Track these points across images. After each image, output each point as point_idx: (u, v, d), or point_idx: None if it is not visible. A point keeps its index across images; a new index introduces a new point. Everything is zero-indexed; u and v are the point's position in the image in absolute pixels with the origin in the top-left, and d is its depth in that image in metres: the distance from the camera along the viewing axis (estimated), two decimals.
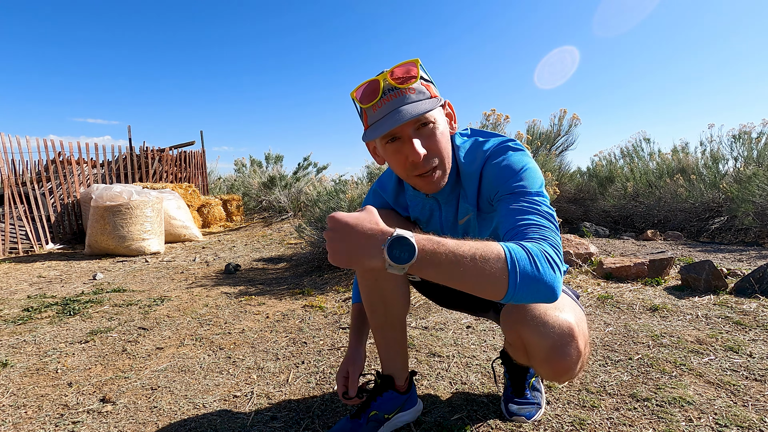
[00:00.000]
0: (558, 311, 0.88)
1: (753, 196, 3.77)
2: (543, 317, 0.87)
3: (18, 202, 4.95)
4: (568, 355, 0.85)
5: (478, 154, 0.97)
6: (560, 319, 0.86)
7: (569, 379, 0.90)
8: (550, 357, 0.86)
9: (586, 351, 0.88)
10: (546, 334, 0.85)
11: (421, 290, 1.23)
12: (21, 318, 2.26)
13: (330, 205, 3.37)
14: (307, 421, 1.20)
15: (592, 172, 5.96)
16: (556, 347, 0.85)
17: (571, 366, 0.86)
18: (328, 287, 2.73)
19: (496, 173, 0.92)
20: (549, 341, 0.85)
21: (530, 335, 0.87)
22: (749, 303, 1.98)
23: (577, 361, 0.86)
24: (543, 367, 0.89)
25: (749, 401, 1.19)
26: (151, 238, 4.47)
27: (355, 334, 1.19)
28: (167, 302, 2.53)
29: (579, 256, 2.89)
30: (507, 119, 4.51)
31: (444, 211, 1.05)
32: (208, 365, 1.61)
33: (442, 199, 1.03)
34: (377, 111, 0.88)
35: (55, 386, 1.48)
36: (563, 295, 0.95)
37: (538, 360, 0.89)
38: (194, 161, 7.49)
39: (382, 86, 0.87)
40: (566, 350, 0.85)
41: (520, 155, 0.93)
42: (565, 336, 0.85)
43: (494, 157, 0.94)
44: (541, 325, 0.86)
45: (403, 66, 0.88)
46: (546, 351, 0.86)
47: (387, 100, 0.86)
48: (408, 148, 0.88)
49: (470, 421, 1.16)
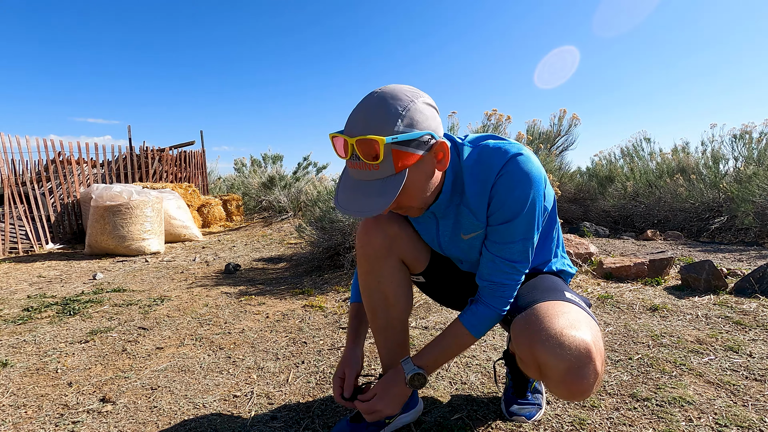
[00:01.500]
0: (575, 330, 0.83)
1: (753, 196, 3.77)
2: (559, 338, 0.82)
3: (18, 202, 4.95)
4: (585, 377, 0.81)
5: (494, 164, 0.91)
6: (577, 339, 0.82)
7: (584, 399, 0.87)
8: (566, 379, 0.82)
9: (603, 370, 0.84)
10: (562, 356, 0.81)
11: (425, 290, 1.22)
12: (21, 318, 2.26)
13: (330, 204, 3.37)
14: (307, 421, 1.20)
15: (592, 172, 5.96)
16: (573, 369, 0.81)
17: (588, 388, 0.82)
18: (328, 287, 2.73)
19: (501, 202, 0.91)
20: (566, 363, 0.81)
21: (546, 357, 0.82)
22: (749, 303, 1.98)
23: (594, 383, 0.82)
24: (559, 388, 0.84)
25: (749, 401, 1.19)
26: (151, 238, 4.47)
27: (352, 335, 1.17)
28: (167, 302, 2.53)
29: (579, 256, 2.89)
30: (509, 119, 4.51)
31: (441, 224, 1.02)
32: (208, 365, 1.61)
33: (438, 213, 1.00)
34: (347, 171, 0.88)
35: (55, 386, 1.48)
36: (577, 308, 0.91)
37: (553, 381, 0.84)
38: (194, 161, 7.49)
39: (350, 150, 0.83)
40: (584, 372, 0.81)
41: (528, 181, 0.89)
42: (583, 358, 0.81)
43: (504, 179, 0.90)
44: (557, 346, 0.81)
45: (364, 144, 0.80)
46: (562, 373, 0.81)
47: (354, 166, 0.84)
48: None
49: (470, 421, 1.16)
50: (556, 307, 0.90)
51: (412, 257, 1.09)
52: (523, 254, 0.95)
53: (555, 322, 0.85)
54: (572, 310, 0.90)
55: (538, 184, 0.91)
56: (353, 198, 0.85)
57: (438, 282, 1.16)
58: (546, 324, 0.85)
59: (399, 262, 1.08)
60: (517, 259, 0.95)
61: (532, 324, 0.87)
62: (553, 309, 0.89)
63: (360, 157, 0.81)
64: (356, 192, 0.85)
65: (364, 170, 0.83)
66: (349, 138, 0.82)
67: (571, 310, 0.89)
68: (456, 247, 1.04)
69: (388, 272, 1.06)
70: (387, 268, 1.06)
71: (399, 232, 1.06)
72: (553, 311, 0.88)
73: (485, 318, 0.98)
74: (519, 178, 0.89)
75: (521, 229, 0.93)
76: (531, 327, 0.87)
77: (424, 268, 1.12)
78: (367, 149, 0.80)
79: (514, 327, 0.92)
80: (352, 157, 0.83)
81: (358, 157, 0.82)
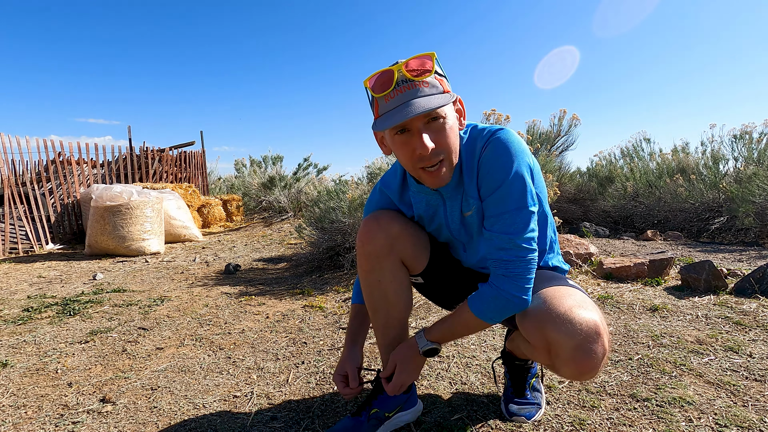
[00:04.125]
0: (582, 309, 0.87)
1: (753, 196, 3.77)
2: (569, 315, 0.86)
3: (18, 203, 4.95)
4: (594, 352, 0.83)
5: (479, 142, 0.97)
6: (586, 317, 0.85)
7: (590, 378, 0.89)
8: (576, 356, 0.84)
9: (609, 348, 0.87)
10: (573, 332, 0.84)
11: (423, 292, 1.23)
12: (21, 318, 2.26)
13: (330, 205, 3.36)
14: (307, 421, 1.20)
15: (592, 172, 5.96)
16: (583, 346, 0.84)
17: (596, 364, 0.84)
18: (328, 287, 2.73)
19: (486, 171, 0.95)
20: (575, 340, 0.84)
21: (556, 334, 0.85)
22: (749, 303, 1.97)
23: (602, 359, 0.85)
24: (568, 365, 0.86)
25: (749, 401, 1.19)
26: (151, 238, 4.47)
27: (351, 336, 1.19)
28: (167, 302, 2.53)
29: (579, 256, 2.89)
30: (507, 119, 4.51)
31: (449, 206, 1.04)
32: (208, 365, 1.61)
33: (446, 194, 1.03)
34: (389, 101, 0.87)
35: (55, 386, 1.48)
36: (582, 292, 0.95)
37: (562, 358, 0.86)
38: (194, 161, 7.50)
39: (396, 77, 0.86)
40: (593, 348, 0.83)
41: (509, 150, 0.93)
42: (592, 334, 0.84)
43: (488, 150, 0.95)
44: (567, 322, 0.85)
45: (418, 59, 0.88)
46: (572, 350, 0.84)
47: (400, 91, 0.86)
48: (416, 141, 0.88)
49: (470, 421, 1.16)
50: (562, 290, 0.93)
51: (412, 258, 1.10)
52: (519, 226, 0.92)
53: (563, 302, 0.89)
54: (577, 293, 0.94)
55: (521, 153, 0.94)
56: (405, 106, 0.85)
57: (436, 283, 1.17)
58: (554, 304, 0.89)
59: (399, 262, 1.09)
60: (513, 231, 0.92)
61: (540, 305, 0.90)
62: (559, 292, 0.93)
63: (408, 79, 0.86)
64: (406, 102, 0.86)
65: (411, 90, 0.87)
66: (395, 65, 0.88)
67: (576, 293, 0.93)
68: (462, 228, 1.06)
69: (388, 271, 1.07)
70: (388, 267, 1.07)
71: (400, 232, 1.06)
72: (559, 293, 0.92)
73: (488, 297, 0.94)
74: (501, 147, 0.94)
75: (512, 198, 0.92)
76: (539, 308, 0.90)
77: (423, 269, 1.13)
78: (418, 64, 0.87)
79: (524, 316, 0.94)
80: (397, 84, 0.87)
81: (406, 80, 0.86)
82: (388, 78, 0.87)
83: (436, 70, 0.89)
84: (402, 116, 0.84)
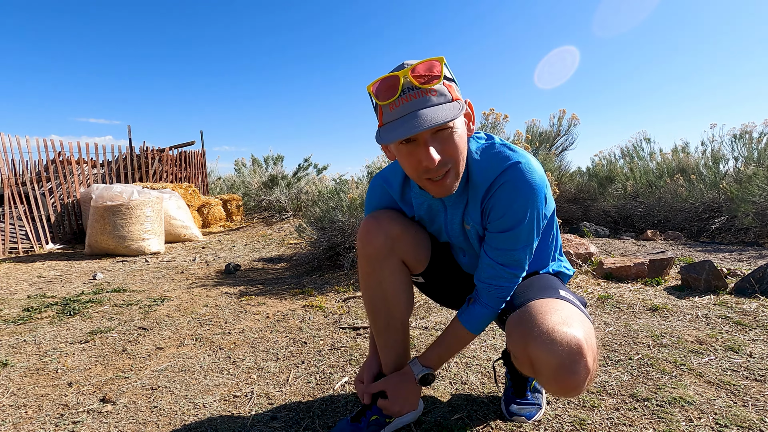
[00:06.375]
0: (566, 326, 0.83)
1: (753, 196, 3.77)
2: (551, 334, 0.82)
3: (18, 202, 4.95)
4: (576, 373, 0.81)
5: (493, 168, 0.93)
6: (568, 335, 0.82)
7: (575, 396, 0.87)
8: (558, 375, 0.82)
9: (594, 367, 0.84)
10: (554, 351, 0.81)
11: (424, 290, 1.23)
12: (21, 318, 2.26)
13: (330, 204, 3.36)
14: (307, 421, 1.20)
15: (592, 172, 5.96)
16: (565, 365, 0.81)
17: (579, 384, 0.82)
18: (328, 287, 2.73)
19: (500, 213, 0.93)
20: (557, 359, 0.81)
21: (538, 352, 0.83)
22: (749, 303, 1.97)
23: (585, 379, 0.82)
24: (550, 384, 0.85)
25: (749, 401, 1.19)
26: (151, 238, 4.47)
27: (374, 343, 1.19)
28: (167, 302, 2.53)
29: (579, 256, 2.89)
30: (506, 119, 4.50)
31: (450, 213, 1.03)
32: (208, 365, 1.61)
33: (449, 202, 1.01)
34: (394, 110, 0.83)
35: (55, 386, 1.48)
36: (570, 305, 0.91)
37: (545, 377, 0.85)
38: (194, 161, 7.49)
39: (401, 83, 0.81)
40: (575, 368, 0.81)
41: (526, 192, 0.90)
42: (574, 354, 0.81)
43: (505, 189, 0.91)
44: (549, 342, 0.82)
45: (425, 63, 0.82)
46: (554, 369, 0.82)
47: (405, 99, 0.81)
48: (423, 153, 0.83)
49: (470, 421, 1.16)
50: (549, 304, 0.90)
51: (413, 258, 1.10)
52: (522, 260, 0.98)
53: (547, 319, 0.85)
54: (565, 307, 0.90)
55: (539, 190, 0.91)
56: (411, 117, 0.80)
57: (437, 282, 1.17)
58: (539, 320, 0.86)
59: (400, 263, 1.08)
60: (515, 265, 0.98)
61: (525, 321, 0.88)
62: (546, 306, 0.89)
63: (415, 86, 0.81)
64: (412, 112, 0.81)
65: (418, 99, 0.82)
66: (401, 71, 0.83)
67: (564, 308, 0.90)
68: (462, 236, 1.06)
69: (388, 273, 1.07)
70: (388, 268, 1.06)
71: (400, 233, 1.05)
72: (546, 308, 0.89)
73: (482, 316, 1.02)
74: (520, 187, 0.90)
75: (522, 238, 0.94)
76: (524, 324, 0.88)
77: (424, 269, 1.12)
78: (426, 69, 0.82)
79: (508, 325, 0.93)
80: (403, 92, 0.82)
81: (412, 87, 0.82)
82: (393, 84, 0.82)
83: (445, 74, 0.84)
84: (407, 130, 0.79)
